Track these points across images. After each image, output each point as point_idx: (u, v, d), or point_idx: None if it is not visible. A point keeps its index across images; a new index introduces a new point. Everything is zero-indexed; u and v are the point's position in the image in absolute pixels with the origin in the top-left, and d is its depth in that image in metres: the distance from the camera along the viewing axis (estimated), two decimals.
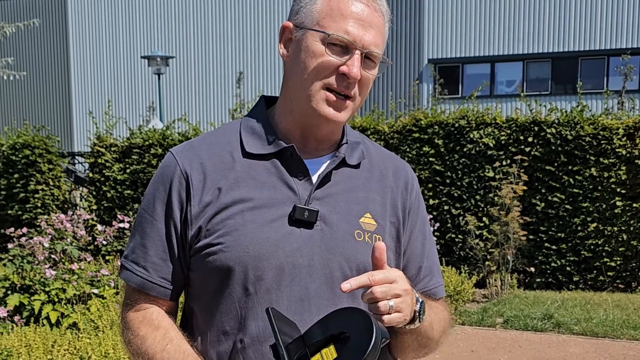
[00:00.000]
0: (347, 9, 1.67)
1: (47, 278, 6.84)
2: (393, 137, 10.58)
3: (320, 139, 1.79)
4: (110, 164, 11.61)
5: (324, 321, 1.51)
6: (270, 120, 1.80)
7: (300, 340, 1.50)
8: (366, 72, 1.70)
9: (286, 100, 1.78)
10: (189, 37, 26.78)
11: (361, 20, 1.67)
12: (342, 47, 1.67)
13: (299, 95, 1.72)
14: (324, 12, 1.68)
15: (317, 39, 1.67)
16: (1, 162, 11.95)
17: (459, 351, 7.09)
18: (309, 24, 1.69)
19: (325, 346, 1.48)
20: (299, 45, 1.71)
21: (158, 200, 1.75)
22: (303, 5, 1.72)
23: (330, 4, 1.68)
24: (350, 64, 1.66)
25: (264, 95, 1.89)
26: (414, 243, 1.86)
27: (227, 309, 1.68)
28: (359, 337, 1.44)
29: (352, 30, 1.66)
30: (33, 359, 4.79)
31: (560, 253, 9.82)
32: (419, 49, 24.64)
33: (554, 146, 9.76)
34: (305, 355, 1.48)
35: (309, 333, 1.50)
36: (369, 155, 1.86)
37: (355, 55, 1.66)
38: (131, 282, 1.77)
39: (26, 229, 7.71)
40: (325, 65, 1.67)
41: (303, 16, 1.71)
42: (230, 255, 1.65)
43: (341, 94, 1.69)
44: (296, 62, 1.72)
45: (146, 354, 1.70)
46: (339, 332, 1.47)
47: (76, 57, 27.55)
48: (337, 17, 1.66)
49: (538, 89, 24.03)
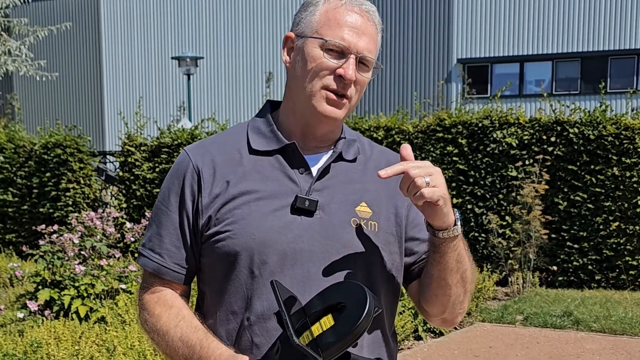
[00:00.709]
0: (342, 19, 1.86)
1: (77, 274, 7.03)
2: (417, 136, 10.71)
3: (320, 138, 1.97)
4: (139, 163, 11.85)
5: (322, 293, 1.68)
6: (275, 121, 1.99)
7: (302, 311, 1.67)
8: (360, 75, 1.88)
9: (289, 102, 1.97)
10: (219, 37, 27.07)
11: (355, 28, 1.86)
12: (338, 52, 1.86)
13: (300, 95, 1.91)
14: (322, 22, 1.87)
15: (316, 45, 1.87)
16: (34, 161, 12.23)
17: (477, 347, 7.21)
18: (308, 32, 1.89)
19: (324, 315, 1.64)
20: (300, 52, 1.91)
21: (172, 193, 1.94)
22: (303, 17, 1.92)
23: (328, 14, 1.87)
24: (346, 67, 1.85)
25: (270, 100, 2.09)
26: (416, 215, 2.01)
27: (234, 291, 1.86)
28: (354, 306, 1.61)
29: (347, 37, 1.85)
30: (61, 350, 4.99)
31: (582, 252, 9.89)
32: (448, 48, 24.69)
33: (577, 146, 9.83)
34: (306, 323, 1.64)
35: (309, 304, 1.68)
36: (364, 151, 2.04)
37: (350, 59, 1.85)
38: (148, 267, 1.95)
39: (57, 226, 7.95)
40: (323, 68, 1.86)
41: (303, 26, 1.91)
42: (237, 242, 1.83)
43: (338, 93, 1.87)
44: (298, 67, 1.91)
45: (161, 331, 1.89)
46: (336, 302, 1.64)
47: (108, 58, 27.95)
48: (333, 26, 1.86)
49: (567, 88, 24.00)
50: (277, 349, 1.71)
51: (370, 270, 1.89)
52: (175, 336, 1.86)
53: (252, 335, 1.83)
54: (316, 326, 1.64)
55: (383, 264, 1.92)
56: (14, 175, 12.37)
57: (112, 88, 28.01)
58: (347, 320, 1.61)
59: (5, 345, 5.13)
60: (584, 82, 23.70)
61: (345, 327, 1.60)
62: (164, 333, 1.88)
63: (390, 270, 1.95)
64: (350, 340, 1.61)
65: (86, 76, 28.25)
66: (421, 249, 2.01)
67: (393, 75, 25.03)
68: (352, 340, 1.61)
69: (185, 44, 26.95)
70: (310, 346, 1.62)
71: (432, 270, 1.89)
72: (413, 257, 2.02)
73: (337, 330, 1.61)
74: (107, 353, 5.03)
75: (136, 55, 27.82)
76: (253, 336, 1.83)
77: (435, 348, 7.20)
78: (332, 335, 1.61)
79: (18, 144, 12.44)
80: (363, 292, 1.63)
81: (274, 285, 1.69)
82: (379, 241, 1.91)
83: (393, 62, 24.91)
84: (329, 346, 1.61)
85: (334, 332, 1.61)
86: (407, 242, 2.01)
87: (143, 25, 27.74)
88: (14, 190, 12.39)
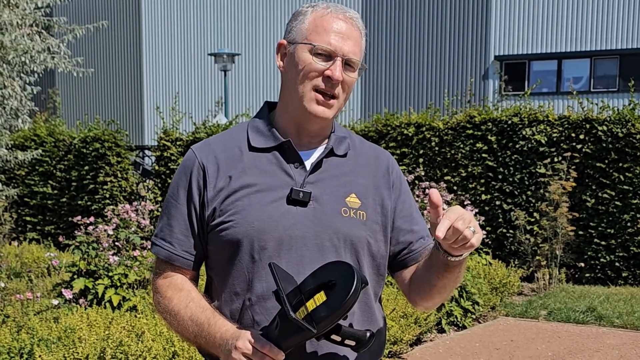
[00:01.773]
0: (329, 26, 2.07)
1: (111, 264, 7.25)
2: (447, 133, 10.83)
3: (312, 134, 2.17)
4: (175, 157, 12.11)
5: (315, 273, 1.90)
6: (272, 121, 2.20)
7: (297, 290, 1.88)
8: (347, 75, 2.09)
9: (283, 103, 2.18)
10: (258, 34, 27.31)
11: (341, 34, 2.07)
12: (326, 55, 2.06)
13: (293, 96, 2.11)
14: (311, 29, 2.09)
15: (306, 50, 2.07)
16: (73, 155, 12.55)
17: (498, 340, 7.34)
18: (299, 39, 2.10)
19: (317, 292, 1.85)
20: (292, 57, 2.12)
21: (181, 187, 2.16)
22: (294, 25, 2.13)
23: (316, 22, 2.09)
24: (333, 69, 2.05)
25: (268, 101, 2.29)
26: (402, 209, 2.23)
27: (237, 274, 2.07)
28: (344, 283, 1.82)
29: (334, 42, 2.06)
30: (93, 334, 5.22)
31: (609, 249, 9.96)
32: (486, 45, 24.67)
33: (605, 143, 9.89)
34: (301, 300, 1.85)
35: (303, 283, 1.89)
36: (354, 147, 2.24)
37: (337, 61, 2.06)
38: (160, 255, 2.17)
39: (93, 218, 8.21)
40: (312, 70, 2.07)
41: (294, 34, 2.12)
42: (239, 230, 2.04)
43: (327, 93, 2.08)
44: (290, 70, 2.12)
45: (172, 311, 2.11)
46: (328, 280, 1.85)
47: (148, 54, 28.36)
48: (321, 32, 2.07)
49: (606, 85, 23.86)
50: (277, 324, 1.89)
51: (358, 256, 2.10)
52: (186, 316, 2.07)
53: (253, 314, 2.04)
54: (310, 302, 1.84)
55: (370, 250, 2.13)
56: (54, 169, 12.71)
57: (152, 83, 28.43)
58: (337, 295, 1.81)
59: (41, 330, 5.36)
60: (622, 80, 23.53)
61: (336, 301, 1.81)
62: (175, 313, 2.10)
63: (376, 256, 2.15)
64: (341, 313, 1.81)
65: (127, 72, 28.71)
66: (406, 239, 2.22)
67: (430, 72, 25.08)
68: (342, 314, 1.82)
69: (224, 41, 27.26)
70: (306, 320, 1.82)
71: (434, 280, 2.06)
72: (398, 247, 2.22)
73: (329, 305, 1.82)
74: (136, 338, 5.25)
75: (176, 51, 28.19)
76: (254, 315, 2.04)
77: (457, 340, 7.35)
78: (324, 310, 1.81)
79: (58, 138, 12.77)
80: (351, 270, 1.84)
81: (272, 267, 1.91)
82: (366, 229, 2.12)
83: (430, 59, 24.97)
84: (322, 319, 1.81)
85: (326, 306, 1.82)
86: (393, 231, 2.21)
87: (183, 22, 28.09)
88: (53, 183, 12.73)
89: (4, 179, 10.42)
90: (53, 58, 8.11)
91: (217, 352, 2.00)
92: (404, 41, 25.27)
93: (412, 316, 6.88)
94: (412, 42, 25.16)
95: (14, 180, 12.81)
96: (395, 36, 25.40)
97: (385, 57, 25.48)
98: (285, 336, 1.86)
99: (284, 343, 1.87)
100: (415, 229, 2.24)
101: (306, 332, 1.81)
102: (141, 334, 5.31)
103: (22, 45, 7.44)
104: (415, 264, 2.21)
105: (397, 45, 25.35)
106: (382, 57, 25.46)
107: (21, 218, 12.90)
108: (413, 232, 2.23)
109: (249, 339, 1.89)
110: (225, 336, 1.96)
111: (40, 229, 12.81)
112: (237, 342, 1.90)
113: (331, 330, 1.89)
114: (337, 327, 1.90)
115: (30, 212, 12.91)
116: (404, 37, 25.29)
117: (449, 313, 7.67)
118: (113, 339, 5.04)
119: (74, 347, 4.89)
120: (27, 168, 12.76)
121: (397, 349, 6.66)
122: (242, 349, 1.88)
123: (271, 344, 1.86)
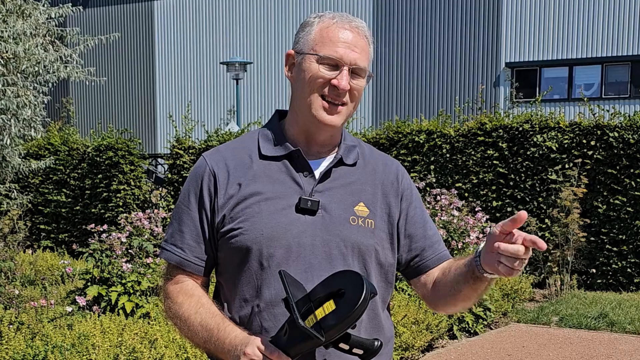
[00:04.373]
0: (335, 36, 2.11)
1: (124, 271, 7.31)
2: (458, 140, 10.86)
3: (322, 143, 2.20)
4: (188, 166, 12.18)
5: (325, 281, 1.92)
6: (282, 129, 2.23)
7: (306, 298, 1.90)
8: (354, 83, 2.12)
9: (293, 113, 2.22)
10: (270, 43, 27.38)
11: (347, 43, 2.10)
12: (332, 65, 2.10)
13: (301, 105, 2.15)
14: (317, 40, 2.12)
15: (313, 60, 2.11)
16: (86, 163, 12.64)
17: (510, 346, 7.35)
18: (306, 49, 2.13)
19: (326, 301, 1.87)
20: (299, 67, 2.15)
21: (192, 194, 2.18)
22: (301, 36, 2.17)
23: (322, 33, 2.12)
24: (340, 78, 2.09)
25: (278, 110, 2.32)
26: (414, 215, 2.26)
27: (246, 281, 2.10)
28: (353, 292, 1.84)
29: (340, 51, 2.09)
30: (106, 341, 5.27)
31: (621, 255, 9.95)
32: (497, 52, 24.66)
33: (616, 150, 9.90)
34: (310, 308, 1.87)
35: (313, 291, 1.91)
36: (363, 155, 2.27)
37: (343, 70, 2.09)
38: (171, 260, 2.19)
39: (106, 226, 8.28)
40: (319, 78, 2.10)
41: (302, 44, 2.15)
42: (248, 237, 2.07)
43: (335, 102, 2.11)
44: (298, 80, 2.16)
45: (183, 316, 2.13)
46: (337, 289, 1.87)
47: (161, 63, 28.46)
48: (327, 42, 2.10)
49: (617, 92, 23.81)
50: (285, 331, 1.92)
51: (365, 264, 2.13)
52: (196, 321, 2.10)
53: (261, 321, 2.07)
54: (319, 310, 1.86)
55: (377, 258, 2.16)
56: (68, 177, 12.80)
57: (164, 92, 28.51)
58: (346, 304, 1.83)
59: (55, 337, 5.42)
60: (633, 86, 23.48)
61: (345, 310, 1.83)
62: (185, 319, 2.13)
63: (384, 264, 2.18)
64: (350, 322, 1.84)
65: (139, 81, 28.81)
66: (419, 246, 2.25)
67: (440, 79, 25.09)
68: (351, 322, 1.84)
69: (236, 49, 27.33)
70: (314, 328, 1.84)
71: (464, 290, 2.09)
72: (411, 254, 2.25)
73: (337, 314, 1.84)
74: (149, 345, 5.30)
75: (188, 59, 28.27)
76: (262, 321, 2.06)
77: (468, 347, 7.36)
78: (333, 318, 1.84)
79: (72, 147, 12.87)
80: (360, 279, 1.86)
81: (281, 275, 1.93)
82: (374, 237, 2.15)
83: (441, 67, 24.98)
84: (331, 328, 1.83)
85: (335, 315, 1.84)
86: (406, 239, 2.24)
87: (195, 31, 28.18)
88: (67, 191, 12.82)
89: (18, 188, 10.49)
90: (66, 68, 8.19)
91: (226, 358, 2.02)
92: (415, 49, 25.27)
93: (424, 322, 6.90)
94: (423, 50, 25.17)
95: (28, 189, 12.90)
96: (406, 44, 25.42)
97: (396, 65, 25.50)
98: (294, 343, 1.88)
99: (292, 350, 1.89)
100: (428, 235, 2.27)
101: (315, 340, 1.84)
102: (154, 340, 5.35)
103: (35, 55, 7.52)
104: (430, 270, 2.24)
105: (408, 52, 25.36)
106: (393, 65, 25.48)
107: (35, 226, 12.98)
108: (425, 238, 2.26)
109: (258, 346, 1.91)
110: (235, 342, 1.98)
111: (54, 237, 12.89)
112: (245, 348, 1.93)
113: (340, 338, 1.91)
114: (345, 336, 1.92)
115: (44, 220, 13.00)
116: (415, 45, 25.30)
117: (460, 319, 7.69)
118: (126, 346, 5.09)
119: (88, 353, 4.94)
120: (41, 176, 12.86)
121: (408, 355, 6.68)
122: (251, 355, 1.90)
123: (279, 351, 1.89)
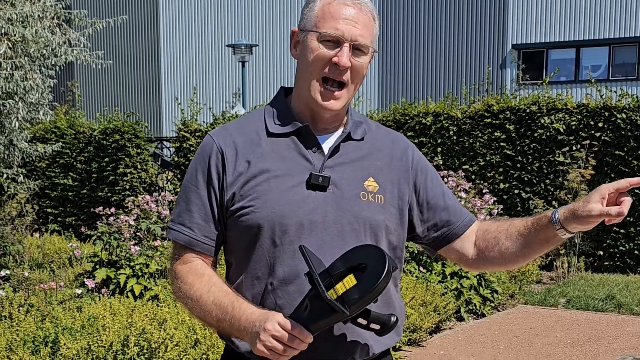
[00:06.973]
0: (337, 12, 2.09)
1: (132, 254, 7.32)
2: (465, 122, 10.84)
3: (327, 121, 2.19)
4: (194, 149, 12.17)
5: (344, 256, 1.92)
6: (288, 106, 2.22)
7: (326, 272, 1.89)
8: (356, 60, 2.10)
9: (297, 90, 2.20)
10: (275, 25, 27.32)
11: (348, 19, 2.08)
12: (333, 42, 2.08)
13: (303, 85, 2.15)
14: (319, 17, 2.11)
15: (314, 37, 2.10)
16: (93, 147, 12.64)
17: (517, 328, 7.37)
18: (308, 27, 2.13)
19: (346, 275, 1.87)
20: (302, 45, 2.15)
21: (199, 172, 2.17)
22: (305, 13, 2.16)
23: (323, 9, 2.11)
24: (340, 55, 2.07)
25: (283, 87, 2.31)
26: (432, 187, 2.27)
27: (258, 259, 2.09)
28: (374, 265, 1.84)
29: (341, 27, 2.07)
30: (116, 322, 5.29)
31: (628, 237, 9.94)
32: (503, 34, 24.57)
33: (624, 131, 9.87)
34: (330, 283, 1.87)
35: (332, 266, 1.91)
36: (370, 131, 2.26)
37: (344, 47, 2.07)
38: (179, 240, 2.18)
39: (114, 209, 8.29)
40: (320, 57, 2.09)
41: (305, 22, 2.15)
42: (260, 215, 2.06)
43: (336, 80, 2.09)
44: (301, 58, 2.16)
45: (194, 296, 2.12)
46: (357, 263, 1.87)
47: (166, 46, 28.43)
48: (328, 19, 2.09)
49: (625, 74, 23.73)
50: (306, 306, 1.91)
51: (377, 240, 2.12)
52: (209, 300, 2.08)
53: (275, 298, 2.06)
54: (340, 285, 1.86)
55: (388, 233, 2.15)
56: (74, 161, 12.81)
57: (170, 75, 28.50)
58: (369, 278, 1.83)
59: (65, 319, 5.44)
60: None
61: (367, 284, 1.83)
62: (197, 298, 2.11)
63: (394, 239, 2.18)
64: (373, 296, 1.84)
65: (145, 64, 28.79)
66: (443, 217, 2.26)
67: (447, 61, 25.02)
68: (374, 296, 1.84)
69: (241, 32, 27.27)
70: (338, 302, 1.84)
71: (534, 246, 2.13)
72: (437, 226, 2.26)
73: (360, 288, 1.84)
74: (158, 326, 5.31)
75: (193, 42, 28.24)
76: (276, 299, 2.06)
77: (476, 328, 7.38)
78: (356, 292, 1.84)
79: (78, 130, 12.86)
80: (381, 253, 1.87)
81: (302, 249, 1.92)
82: (384, 212, 2.14)
83: (447, 48, 24.90)
84: (354, 302, 1.83)
85: (358, 289, 1.84)
86: (429, 211, 2.26)
87: (200, 13, 28.13)
88: (74, 174, 12.83)
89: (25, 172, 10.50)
90: (73, 51, 8.17)
91: (241, 335, 2.02)
92: (421, 30, 25.20)
93: (431, 304, 6.91)
94: (430, 31, 25.09)
95: (35, 173, 12.92)
96: (413, 25, 25.34)
97: (403, 47, 25.43)
98: (315, 319, 1.88)
99: (313, 325, 1.88)
100: (449, 205, 2.28)
101: (338, 313, 1.83)
102: (163, 322, 5.37)
103: (43, 38, 7.51)
104: (459, 237, 2.25)
105: (414, 34, 25.29)
106: (400, 47, 25.41)
107: (42, 210, 13.00)
108: (448, 207, 2.27)
109: (279, 321, 1.90)
110: (252, 318, 1.97)
111: (61, 221, 12.91)
112: (265, 324, 1.91)
113: (359, 313, 1.90)
114: (365, 311, 1.92)
115: (51, 204, 13.02)
116: (421, 26, 25.22)
117: (467, 301, 7.70)
118: (136, 327, 5.11)
119: (98, 335, 4.96)
120: (48, 160, 12.86)
121: (416, 336, 6.70)
122: (272, 331, 1.89)
123: (301, 327, 1.88)
